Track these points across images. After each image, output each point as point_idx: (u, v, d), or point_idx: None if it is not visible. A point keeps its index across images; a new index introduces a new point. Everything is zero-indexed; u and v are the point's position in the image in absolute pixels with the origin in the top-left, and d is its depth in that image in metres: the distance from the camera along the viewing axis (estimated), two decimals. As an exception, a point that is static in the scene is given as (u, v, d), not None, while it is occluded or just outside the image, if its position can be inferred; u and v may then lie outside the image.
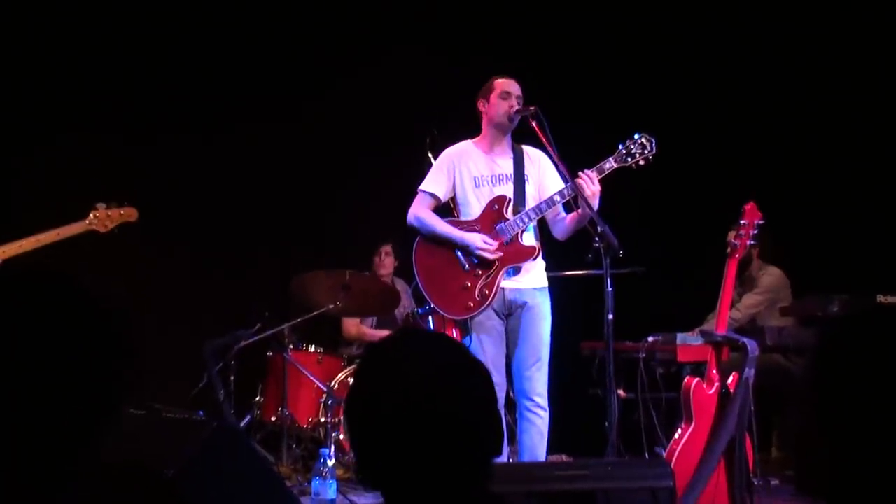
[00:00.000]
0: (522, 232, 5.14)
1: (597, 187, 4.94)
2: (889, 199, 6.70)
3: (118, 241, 5.62)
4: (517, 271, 5.15)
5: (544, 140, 4.99)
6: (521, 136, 5.30)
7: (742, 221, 5.15)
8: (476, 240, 5.11)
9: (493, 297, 5.07)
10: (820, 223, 6.92)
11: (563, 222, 5.18)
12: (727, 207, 5.67)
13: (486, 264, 5.11)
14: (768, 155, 7.17)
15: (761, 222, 5.17)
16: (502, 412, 5.16)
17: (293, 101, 7.65)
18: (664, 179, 6.79)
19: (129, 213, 5.55)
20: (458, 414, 1.71)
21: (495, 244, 5.10)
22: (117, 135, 7.20)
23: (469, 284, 5.11)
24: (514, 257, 5.13)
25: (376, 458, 1.74)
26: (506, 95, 5.18)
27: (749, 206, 5.20)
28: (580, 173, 4.97)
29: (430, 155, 5.94)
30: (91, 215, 5.44)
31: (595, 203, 4.93)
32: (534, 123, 5.03)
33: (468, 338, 5.07)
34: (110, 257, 5.90)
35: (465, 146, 5.34)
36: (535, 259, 5.14)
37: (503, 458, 5.26)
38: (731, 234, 5.35)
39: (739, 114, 7.31)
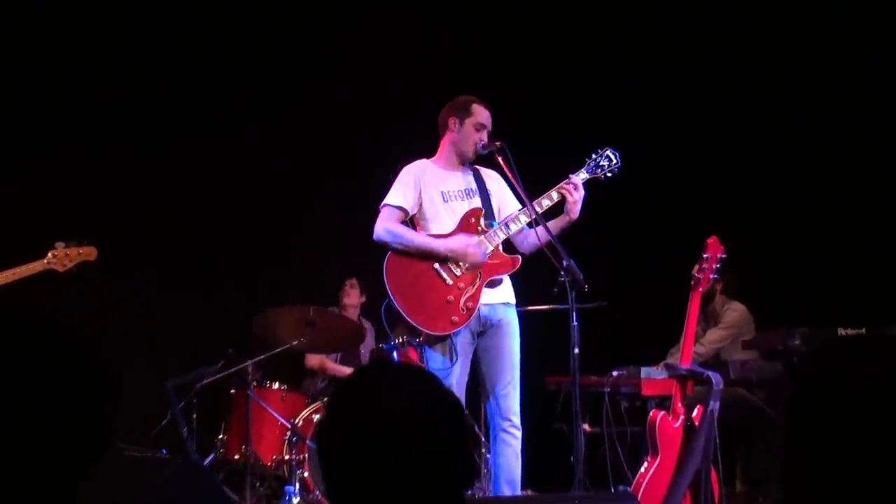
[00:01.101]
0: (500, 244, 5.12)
1: (580, 194, 4.99)
2: (848, 234, 6.78)
3: (78, 277, 5.56)
4: (494, 283, 5.10)
5: (510, 174, 5.01)
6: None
7: (705, 255, 5.20)
8: (460, 244, 5.01)
9: (477, 310, 4.99)
10: (781, 258, 6.99)
11: (532, 236, 5.09)
12: (690, 241, 5.72)
13: (468, 276, 5.02)
14: (731, 189, 7.24)
15: (724, 256, 5.22)
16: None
17: (256, 135, 7.64)
18: (627, 214, 6.85)
19: (89, 252, 5.49)
20: (430, 447, 1.71)
21: (476, 241, 5.03)
22: (76, 171, 7.15)
23: (452, 298, 4.98)
24: (497, 268, 5.08)
25: (348, 489, 1.73)
26: (480, 127, 5.17)
27: (711, 241, 5.26)
28: (568, 178, 5.02)
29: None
30: (49, 254, 5.38)
31: (579, 209, 4.98)
32: (500, 159, 5.05)
33: (444, 357, 4.97)
34: (70, 293, 5.84)
35: (424, 163, 5.28)
36: (516, 270, 5.12)
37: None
38: (696, 269, 5.40)
39: (703, 148, 7.37)
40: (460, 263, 5.00)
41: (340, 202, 7.58)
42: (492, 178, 5.28)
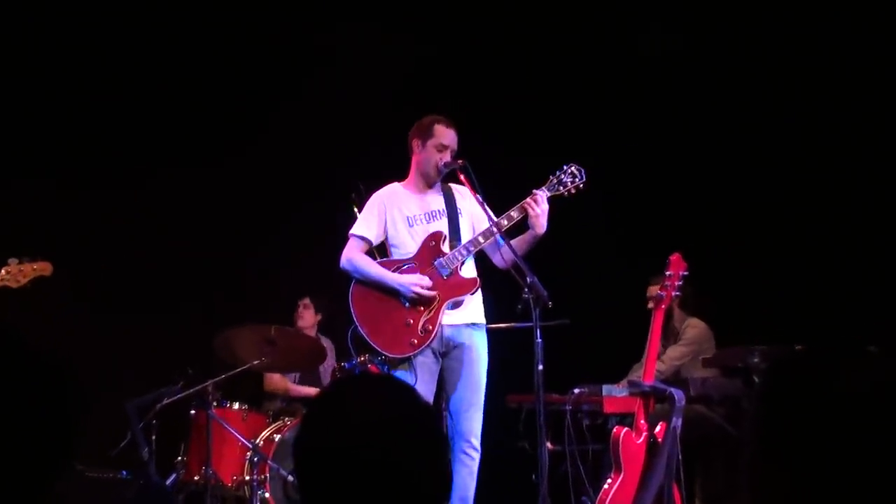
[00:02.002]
0: (461, 265, 5.15)
1: (544, 208, 5.01)
2: (805, 251, 6.86)
3: (37, 296, 5.49)
4: (458, 304, 5.15)
5: (472, 191, 5.06)
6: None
7: (668, 272, 5.25)
8: (409, 281, 5.10)
9: (436, 332, 5.05)
10: (740, 275, 7.05)
11: (507, 252, 5.12)
12: (650, 259, 5.77)
13: (427, 300, 5.09)
14: (691, 207, 7.30)
15: (686, 273, 5.27)
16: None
17: (213, 154, 7.58)
18: (590, 231, 6.89)
19: (44, 268, 5.41)
20: (406, 459, 1.70)
21: (429, 282, 5.09)
22: (31, 186, 7.06)
23: (411, 321, 5.08)
24: (456, 290, 5.14)
25: (322, 498, 1.72)
26: (441, 148, 5.22)
27: (675, 258, 5.31)
28: (532, 193, 5.04)
29: (355, 209, 5.93)
30: (3, 271, 5.30)
31: (543, 223, 5.01)
32: (462, 176, 5.10)
33: (406, 376, 5.00)
34: (27, 312, 5.75)
35: (394, 188, 5.36)
36: (474, 292, 5.15)
37: None
38: (654, 287, 5.44)
39: (663, 167, 7.44)
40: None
41: (299, 221, 7.56)
42: (464, 196, 5.32)
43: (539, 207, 5.03)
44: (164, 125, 7.50)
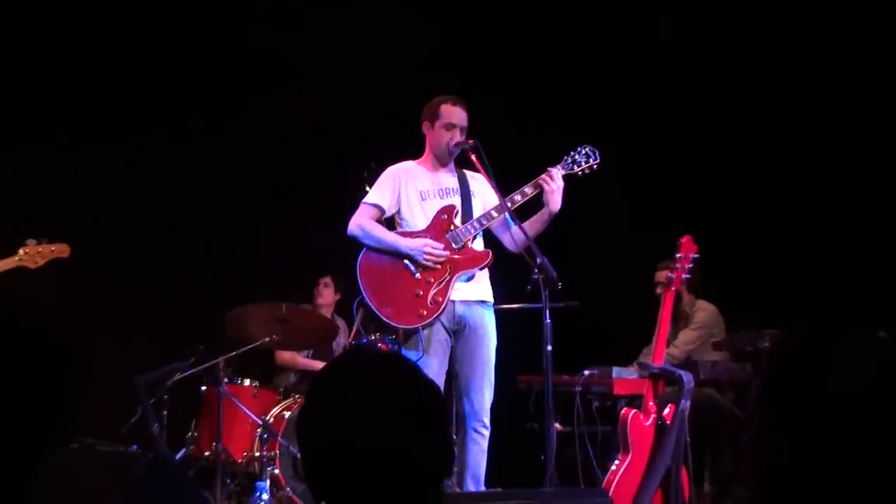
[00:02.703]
0: (473, 239, 5.16)
1: (559, 184, 5.01)
2: (817, 234, 6.82)
3: (48, 273, 5.52)
4: (469, 278, 5.15)
5: (483, 172, 5.06)
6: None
7: (678, 255, 5.24)
8: (421, 245, 5.10)
9: (446, 304, 5.05)
10: (750, 258, 7.03)
11: (516, 230, 5.12)
12: (661, 241, 5.76)
13: (437, 271, 5.09)
14: (702, 189, 7.28)
15: (696, 255, 5.26)
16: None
17: (228, 129, 7.60)
18: (601, 213, 6.88)
19: (61, 250, 5.45)
20: (409, 434, 1.71)
21: (442, 246, 5.10)
22: (46, 167, 7.09)
23: (421, 292, 5.08)
24: (468, 263, 5.14)
25: (325, 475, 1.73)
26: (450, 127, 5.22)
27: (685, 240, 5.29)
28: (546, 170, 5.03)
29: (367, 188, 5.94)
30: (21, 251, 5.33)
31: (558, 200, 5.00)
32: (473, 156, 5.10)
33: (417, 353, 5.02)
34: (39, 289, 5.79)
35: (409, 164, 5.37)
36: (485, 266, 5.16)
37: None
38: (663, 272, 5.44)
39: (675, 148, 7.41)
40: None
41: (315, 198, 7.56)
42: (477, 180, 5.32)
43: (554, 183, 5.03)
44: (179, 99, 7.50)
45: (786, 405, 1.45)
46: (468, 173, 5.34)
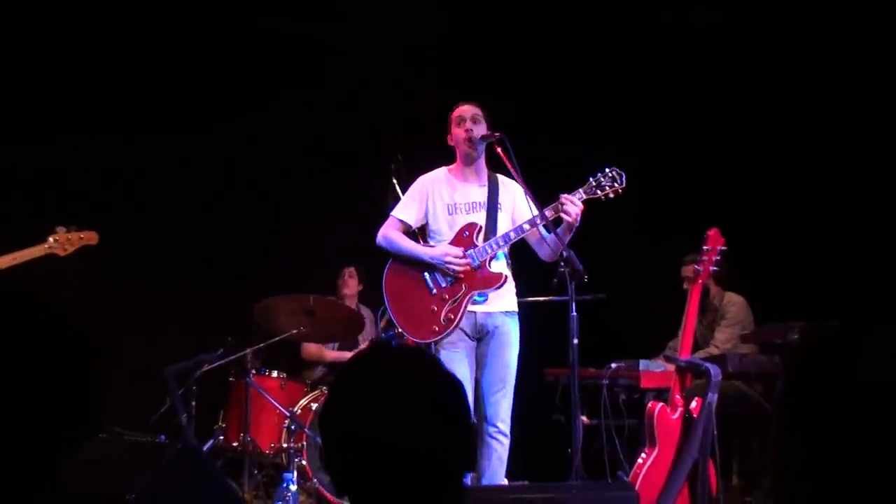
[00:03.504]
0: (491, 259, 5.15)
1: (578, 208, 4.96)
2: (847, 226, 6.77)
3: (79, 263, 5.57)
4: (485, 298, 5.17)
5: (510, 166, 5.03)
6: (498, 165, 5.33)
7: (705, 247, 5.21)
8: (441, 252, 5.13)
9: (458, 322, 5.08)
10: (779, 250, 6.99)
11: (546, 243, 5.14)
12: (689, 234, 5.73)
13: (453, 288, 5.12)
14: (730, 182, 7.24)
15: (724, 248, 5.23)
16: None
17: (256, 123, 7.64)
18: (627, 206, 6.84)
19: (90, 237, 5.50)
20: (431, 429, 1.71)
21: (461, 252, 5.11)
22: (78, 157, 7.15)
23: (435, 308, 5.12)
24: (481, 283, 5.14)
25: (347, 468, 1.74)
26: (459, 121, 5.23)
27: (712, 232, 5.27)
28: (561, 197, 5.00)
29: (394, 180, 5.96)
30: (50, 239, 5.39)
31: (576, 221, 4.95)
32: (499, 150, 5.08)
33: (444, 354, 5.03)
34: (70, 280, 5.84)
35: (440, 174, 5.36)
36: (500, 287, 5.16)
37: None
38: (689, 267, 5.42)
39: (702, 141, 7.38)
40: (447, 274, 5.12)
41: (339, 190, 7.59)
42: (508, 190, 5.28)
43: (570, 215, 4.97)
44: (209, 92, 7.54)
45: (810, 399, 1.43)
46: (501, 181, 5.30)
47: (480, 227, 5.18)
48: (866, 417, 1.35)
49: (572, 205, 4.96)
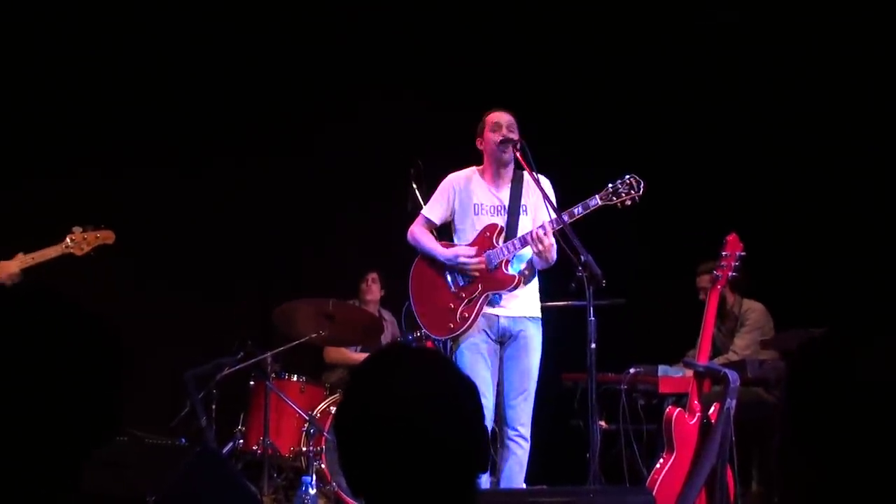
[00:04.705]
0: (508, 262, 5.18)
1: (546, 243, 4.99)
2: (867, 233, 6.74)
3: (100, 266, 5.61)
4: (501, 299, 5.19)
5: (528, 171, 5.06)
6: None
7: (724, 252, 5.20)
8: (455, 253, 5.22)
9: (472, 321, 5.12)
10: (799, 256, 6.97)
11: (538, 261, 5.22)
12: (709, 240, 5.72)
13: (469, 288, 5.17)
14: (749, 188, 7.23)
15: (742, 254, 5.22)
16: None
17: (274, 129, 7.69)
18: (646, 212, 6.84)
19: (106, 236, 5.54)
20: (445, 430, 1.72)
21: (474, 252, 5.18)
22: (99, 161, 7.21)
23: (452, 306, 5.20)
24: (494, 284, 5.19)
25: (362, 469, 1.75)
26: (496, 127, 5.26)
27: (731, 238, 5.26)
28: (536, 230, 5.03)
29: (413, 185, 5.98)
30: (67, 239, 5.44)
31: (551, 256, 5.03)
32: (518, 154, 5.10)
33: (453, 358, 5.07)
34: (90, 283, 5.89)
35: (469, 173, 5.42)
36: (512, 289, 5.18)
37: (484, 487, 5.26)
38: (705, 277, 5.40)
39: (721, 146, 7.37)
40: (465, 274, 5.21)
41: (361, 196, 7.62)
42: (532, 192, 5.28)
43: (541, 243, 5.00)
44: (222, 102, 7.58)
45: (810, 407, 1.43)
46: (526, 181, 5.30)
47: (501, 229, 5.24)
48: (868, 424, 1.35)
49: (539, 241, 4.99)
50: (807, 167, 7.07)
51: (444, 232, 5.47)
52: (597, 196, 5.09)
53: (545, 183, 5.23)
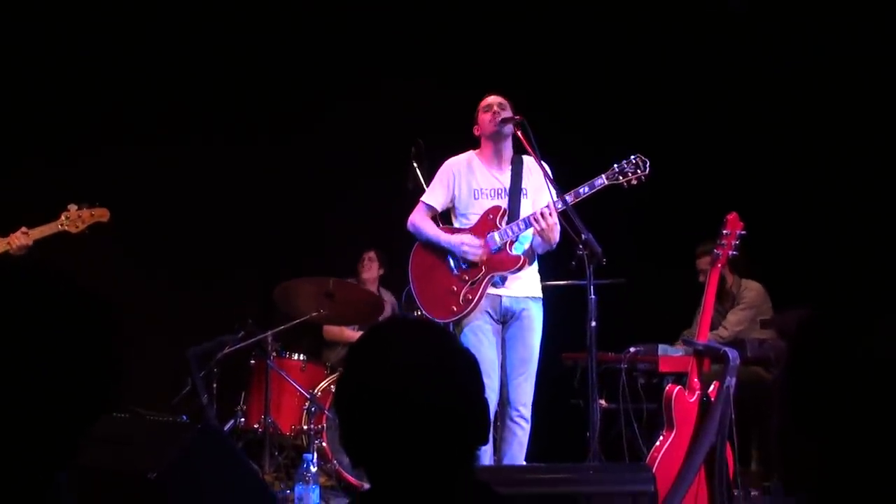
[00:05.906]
0: (512, 243, 5.20)
1: (550, 222, 5.01)
2: (867, 213, 6.74)
3: (101, 245, 5.61)
4: (504, 280, 5.20)
5: (529, 149, 5.06)
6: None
7: (724, 231, 5.20)
8: (459, 240, 5.22)
9: (476, 303, 5.14)
10: (799, 236, 6.97)
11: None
12: (709, 219, 5.72)
13: (472, 270, 5.17)
14: (749, 167, 7.22)
15: (743, 233, 5.22)
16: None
17: (274, 109, 7.68)
18: (647, 192, 6.84)
19: (101, 214, 5.53)
20: (444, 401, 1.73)
21: (479, 242, 5.18)
22: (99, 137, 7.21)
23: (455, 289, 5.20)
24: (498, 266, 5.20)
25: (362, 439, 1.76)
26: (486, 108, 5.30)
27: (731, 217, 5.25)
28: (540, 210, 5.04)
29: (414, 164, 5.98)
30: (62, 216, 5.43)
31: (554, 236, 5.05)
32: (519, 133, 5.10)
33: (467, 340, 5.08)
34: (91, 261, 5.90)
35: (468, 157, 5.43)
36: (516, 270, 5.19)
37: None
38: (704, 259, 5.39)
39: (722, 126, 7.36)
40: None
41: (360, 174, 7.62)
42: (532, 173, 5.31)
43: (545, 222, 5.02)
44: (223, 79, 7.60)
45: (809, 389, 1.43)
46: (526, 164, 5.32)
47: (504, 210, 5.25)
48: (866, 401, 1.35)
49: (543, 219, 5.00)
50: (809, 147, 7.06)
51: (444, 216, 5.49)
52: (603, 176, 5.10)
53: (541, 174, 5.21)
